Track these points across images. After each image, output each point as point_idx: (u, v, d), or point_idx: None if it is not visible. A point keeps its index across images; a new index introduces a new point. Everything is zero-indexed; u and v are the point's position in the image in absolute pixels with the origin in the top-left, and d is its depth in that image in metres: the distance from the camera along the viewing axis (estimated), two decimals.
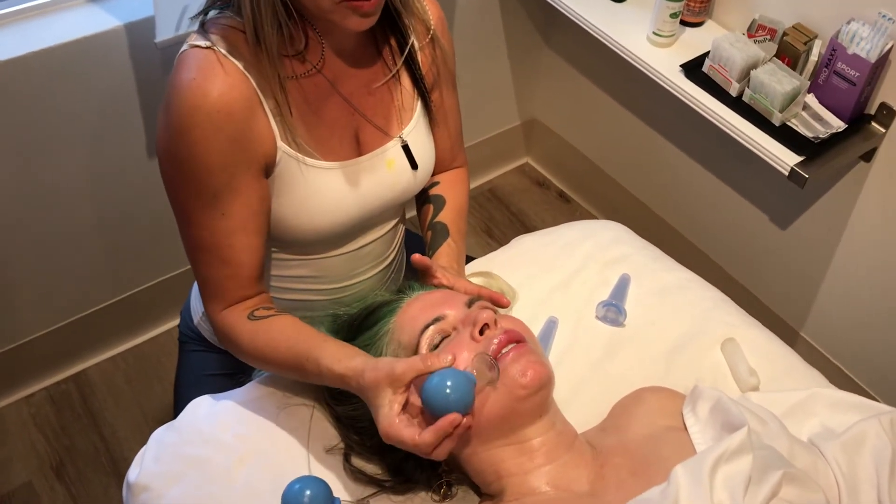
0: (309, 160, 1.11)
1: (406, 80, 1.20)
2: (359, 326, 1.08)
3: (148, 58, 1.65)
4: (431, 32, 1.21)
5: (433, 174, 1.32)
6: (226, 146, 1.03)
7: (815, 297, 1.97)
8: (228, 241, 1.07)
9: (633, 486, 0.92)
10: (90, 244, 1.87)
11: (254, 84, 1.05)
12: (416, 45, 1.20)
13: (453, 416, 0.87)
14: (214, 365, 1.36)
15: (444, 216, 1.30)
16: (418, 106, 1.22)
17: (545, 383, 0.96)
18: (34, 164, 1.67)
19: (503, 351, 0.95)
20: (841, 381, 1.99)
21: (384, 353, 1.01)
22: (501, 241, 2.33)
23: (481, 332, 0.96)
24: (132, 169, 1.79)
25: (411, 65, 1.20)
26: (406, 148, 1.20)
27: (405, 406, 0.92)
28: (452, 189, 1.34)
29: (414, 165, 1.21)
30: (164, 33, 1.54)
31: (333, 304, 1.23)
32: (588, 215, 2.53)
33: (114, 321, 2.04)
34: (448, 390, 0.87)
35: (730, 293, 1.37)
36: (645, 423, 1.02)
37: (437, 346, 0.98)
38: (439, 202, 1.32)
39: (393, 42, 1.18)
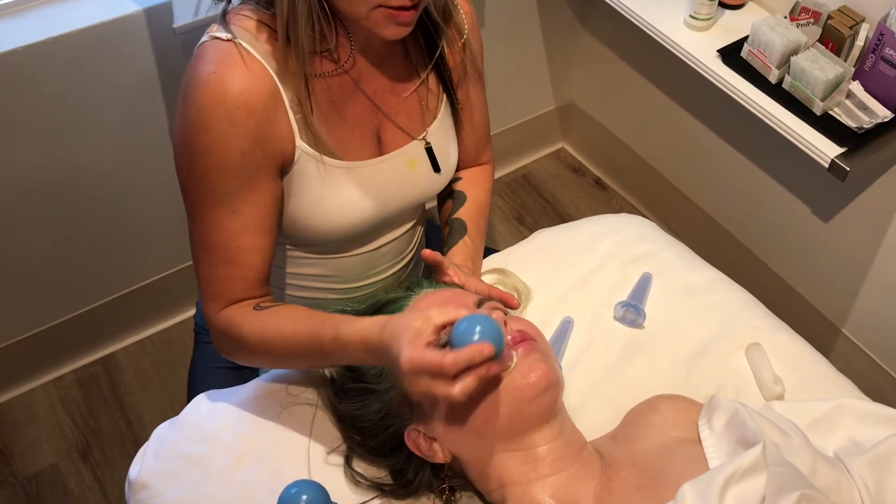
0: (328, 159, 1.07)
1: (432, 81, 1.16)
2: None
3: (168, 42, 1.64)
4: (465, 37, 1.17)
5: (456, 170, 1.28)
6: (244, 144, 0.99)
7: (858, 293, 1.89)
8: (237, 241, 1.03)
9: (639, 503, 0.88)
10: (117, 228, 1.87)
11: (276, 79, 1.01)
12: (446, 47, 1.15)
13: (483, 345, 0.81)
14: (227, 358, 1.34)
15: (463, 213, 1.26)
16: (443, 106, 1.18)
17: (552, 384, 0.92)
18: (56, 148, 1.67)
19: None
20: (883, 381, 1.91)
21: None
22: (533, 228, 2.28)
23: None
24: (157, 152, 1.78)
25: (439, 66, 1.16)
26: (429, 150, 1.16)
27: None
28: (474, 186, 1.30)
29: (436, 168, 1.17)
30: (181, 18, 1.52)
31: (345, 302, 1.20)
32: (624, 203, 2.46)
33: (142, 305, 2.05)
34: (476, 336, 0.82)
35: (768, 286, 1.31)
36: (658, 434, 0.98)
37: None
38: (460, 198, 1.28)
39: (422, 42, 1.14)
